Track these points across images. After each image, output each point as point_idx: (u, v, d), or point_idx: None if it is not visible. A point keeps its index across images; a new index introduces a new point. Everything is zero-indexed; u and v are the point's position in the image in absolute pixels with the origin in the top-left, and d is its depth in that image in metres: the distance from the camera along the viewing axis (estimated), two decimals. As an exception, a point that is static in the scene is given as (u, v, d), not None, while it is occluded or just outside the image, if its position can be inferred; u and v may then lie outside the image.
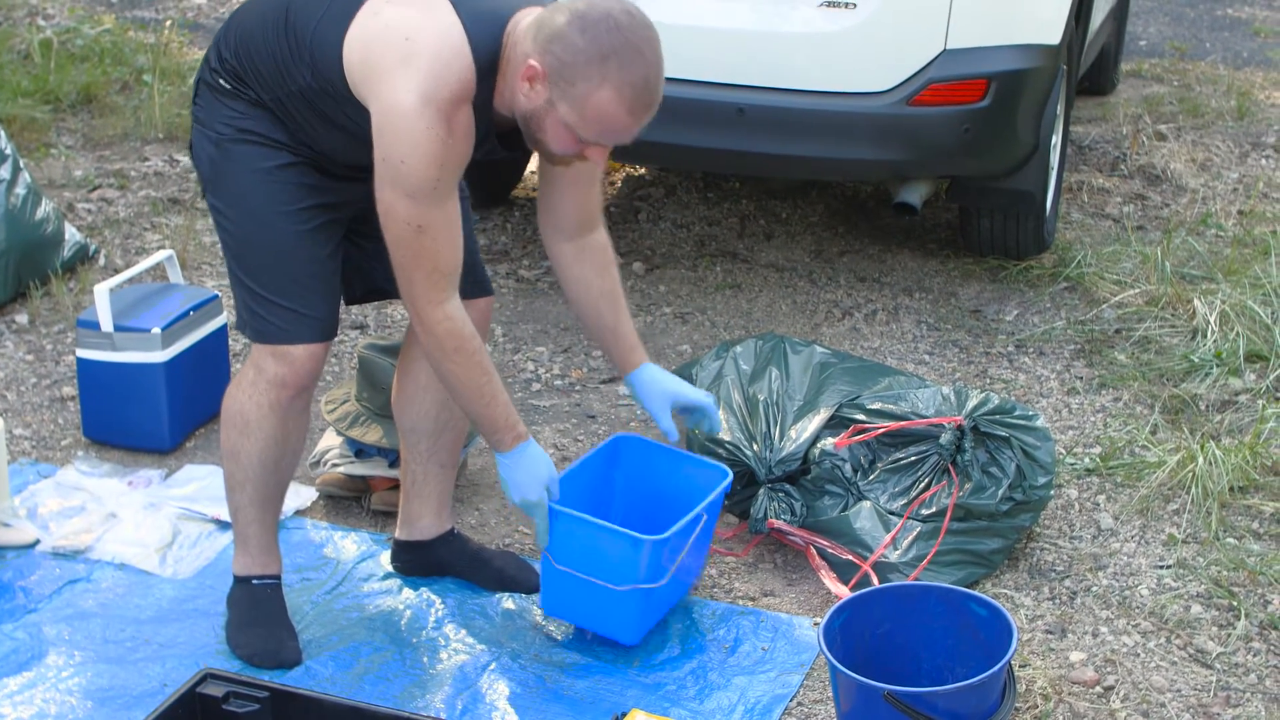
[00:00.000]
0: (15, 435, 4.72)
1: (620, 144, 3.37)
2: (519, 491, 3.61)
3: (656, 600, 3.81)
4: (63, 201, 6.27)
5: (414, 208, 3.33)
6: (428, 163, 3.29)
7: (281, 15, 3.44)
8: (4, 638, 3.83)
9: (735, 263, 6.08)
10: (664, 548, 3.68)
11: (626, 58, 3.24)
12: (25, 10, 8.54)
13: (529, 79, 3.27)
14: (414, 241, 3.37)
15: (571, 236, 3.75)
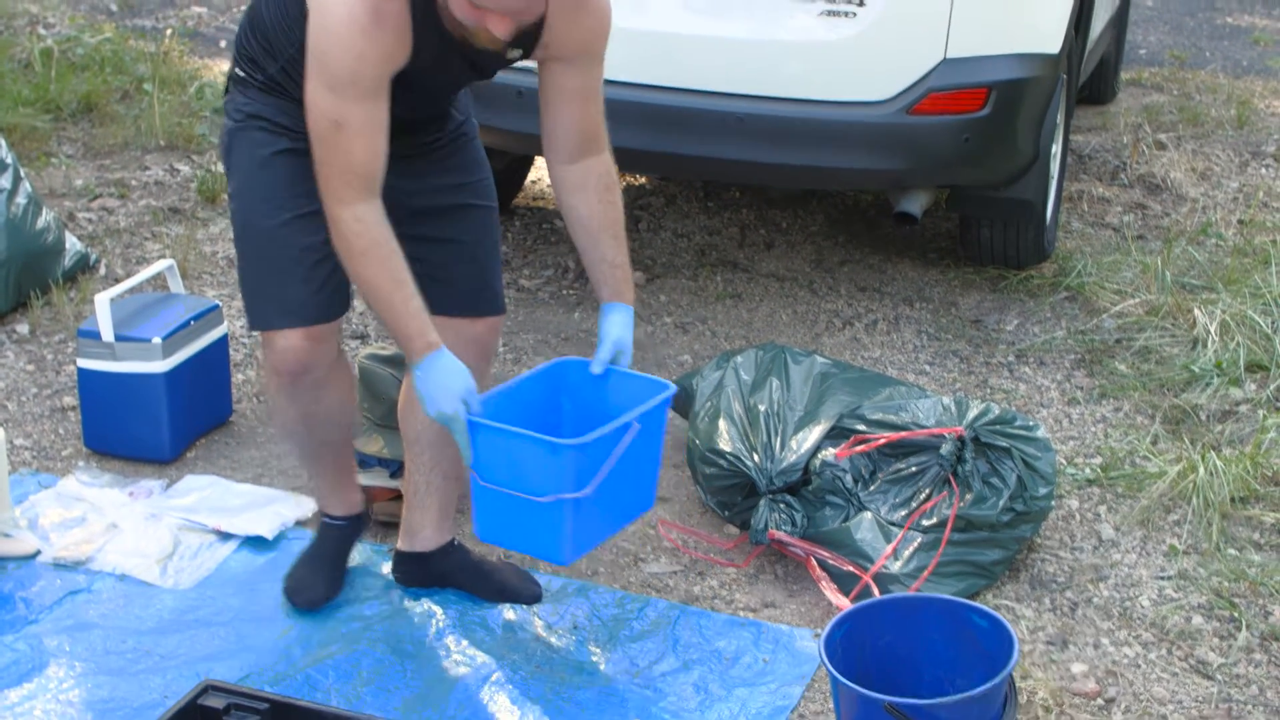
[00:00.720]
0: (16, 445, 4.72)
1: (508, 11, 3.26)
2: (433, 405, 3.49)
3: (588, 518, 3.55)
4: (63, 211, 6.28)
5: (333, 101, 3.32)
6: (347, 53, 3.29)
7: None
8: (4, 649, 3.82)
9: (736, 272, 6.08)
10: (586, 454, 3.46)
11: None
12: (26, 19, 8.55)
13: None
14: (331, 137, 3.36)
15: (572, 157, 3.67)
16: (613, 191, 3.71)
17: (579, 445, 3.45)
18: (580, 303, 5.77)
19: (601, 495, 3.53)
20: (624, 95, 5.33)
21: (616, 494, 3.61)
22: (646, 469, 3.75)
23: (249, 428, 4.84)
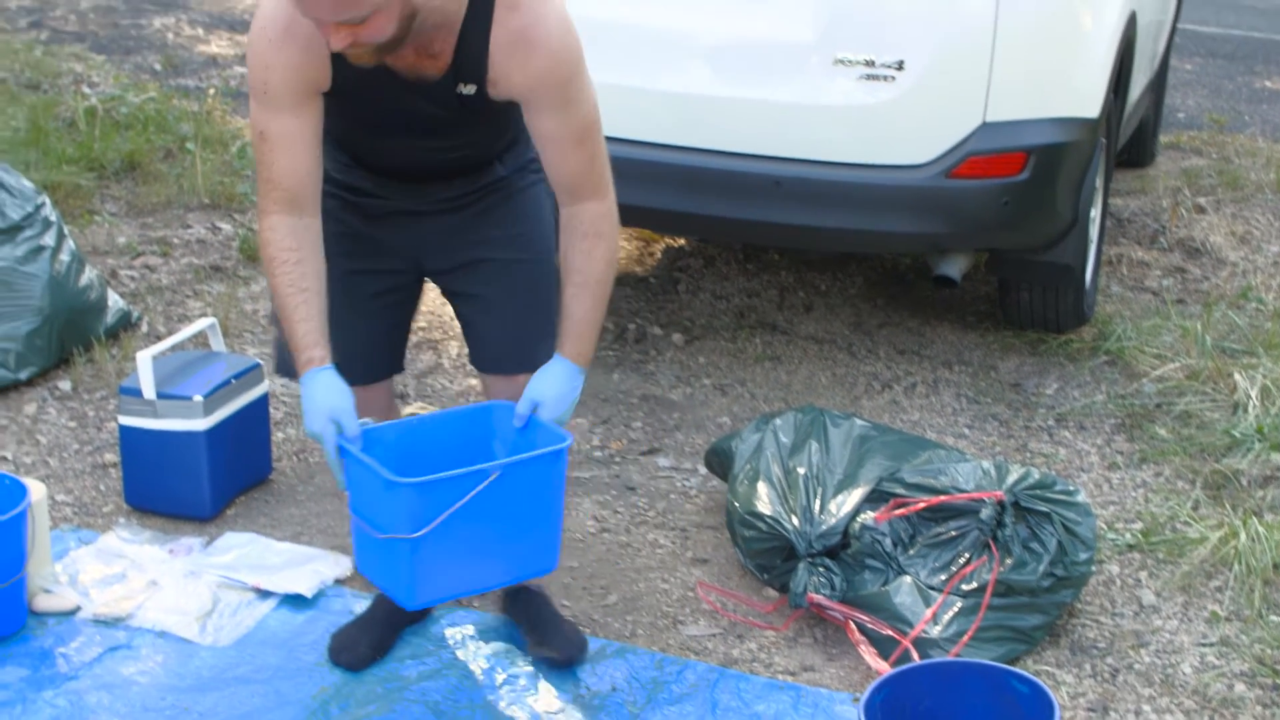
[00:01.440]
0: (57, 501, 4.74)
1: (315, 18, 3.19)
2: (306, 421, 3.45)
3: (438, 563, 3.42)
4: (106, 268, 6.32)
5: (256, 112, 3.44)
6: (257, 63, 3.38)
7: None
8: (45, 705, 3.83)
9: (774, 334, 6.09)
10: (425, 495, 3.32)
11: None
12: (71, 78, 8.62)
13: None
14: (258, 148, 3.47)
15: (560, 201, 3.62)
16: (593, 241, 3.54)
17: (416, 485, 3.32)
18: (619, 364, 5.78)
19: (456, 542, 3.40)
20: (664, 158, 5.37)
21: (481, 544, 3.46)
22: (534, 524, 3.54)
23: (289, 486, 4.85)
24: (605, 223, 3.54)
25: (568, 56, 3.42)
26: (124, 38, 9.91)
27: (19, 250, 5.47)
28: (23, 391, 5.39)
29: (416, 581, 3.45)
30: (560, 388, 3.58)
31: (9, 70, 8.59)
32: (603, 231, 3.54)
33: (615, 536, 4.65)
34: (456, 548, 3.42)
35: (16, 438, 5.10)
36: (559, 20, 3.41)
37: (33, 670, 3.97)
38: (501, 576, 3.68)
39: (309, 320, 3.46)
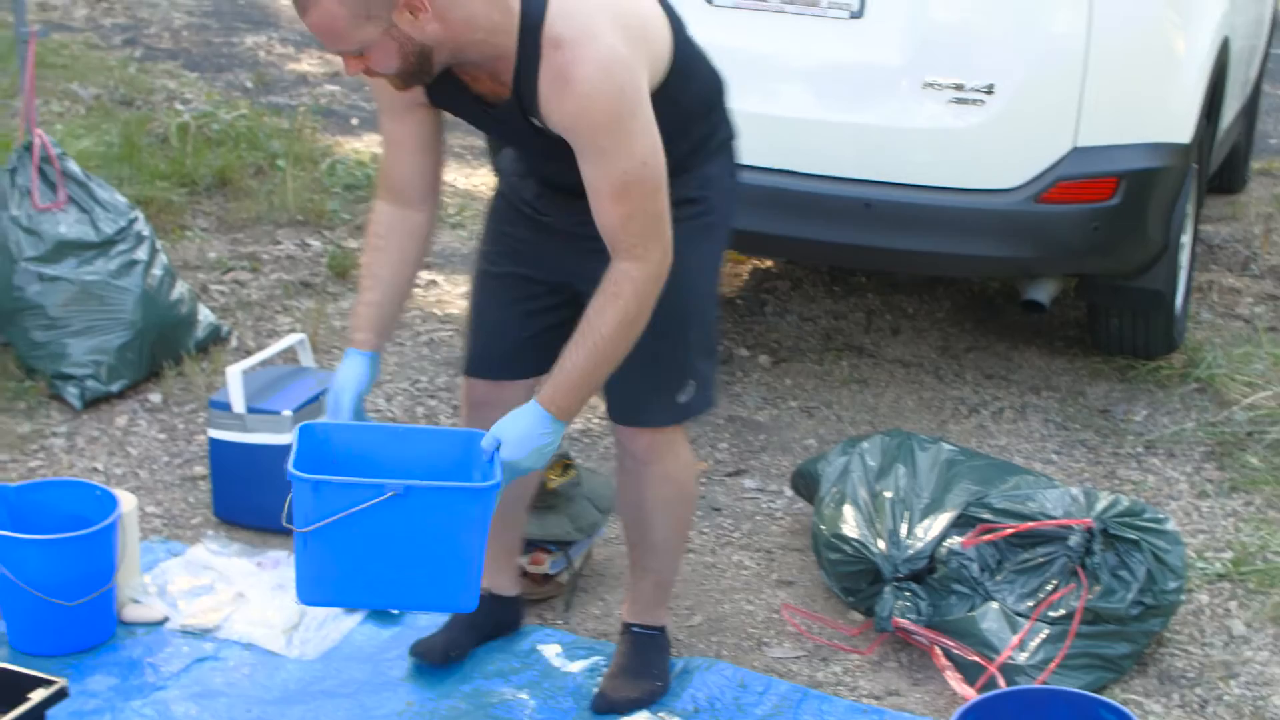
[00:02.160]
0: (147, 513, 4.78)
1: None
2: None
3: (328, 567, 3.40)
4: (197, 283, 6.37)
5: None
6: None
7: None
8: (133, 714, 3.86)
9: (861, 357, 6.07)
10: (318, 493, 3.32)
11: None
12: (164, 95, 8.71)
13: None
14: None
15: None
16: (608, 300, 3.37)
17: (310, 481, 3.34)
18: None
19: (352, 550, 3.37)
20: (753, 180, 5.32)
21: (382, 561, 3.39)
22: (443, 556, 3.42)
23: (375, 501, 4.87)
24: (627, 285, 3.34)
25: (602, 102, 3.25)
26: (216, 55, 10.00)
27: (112, 264, 5.53)
28: (114, 404, 5.44)
29: (303, 577, 3.44)
30: (522, 429, 3.43)
31: (104, 87, 8.68)
32: (621, 293, 3.35)
33: (700, 557, 4.65)
34: (353, 556, 3.38)
35: (108, 449, 5.15)
36: (601, 62, 3.24)
37: (121, 679, 4.00)
38: (405, 601, 3.65)
39: (368, 305, 3.67)
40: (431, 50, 3.28)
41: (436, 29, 3.24)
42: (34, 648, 4.07)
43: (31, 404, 5.38)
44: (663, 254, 3.37)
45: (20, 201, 5.46)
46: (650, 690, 3.98)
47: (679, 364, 3.69)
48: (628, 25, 3.33)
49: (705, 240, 3.65)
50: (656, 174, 3.33)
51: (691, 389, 3.72)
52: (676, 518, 3.95)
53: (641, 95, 3.30)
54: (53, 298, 5.42)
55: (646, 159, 3.30)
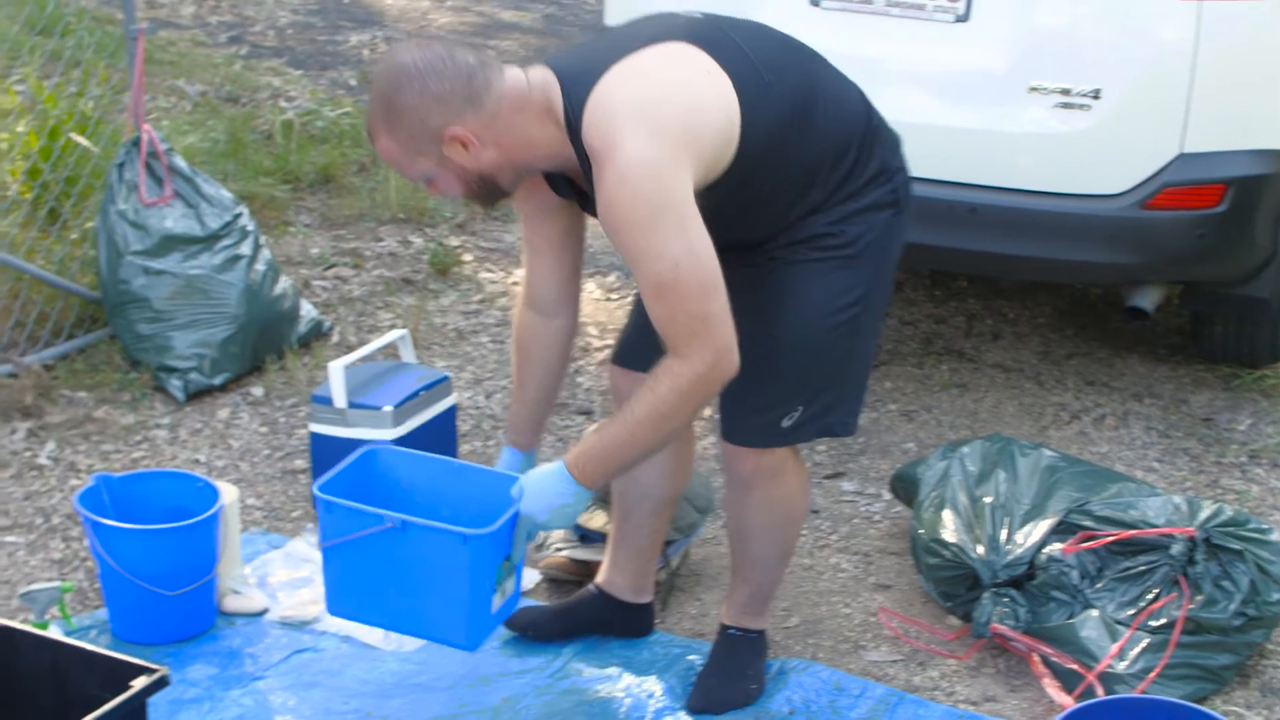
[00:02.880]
0: (248, 505, 4.83)
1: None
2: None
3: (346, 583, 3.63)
4: (299, 278, 6.42)
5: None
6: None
7: None
8: (232, 703, 3.90)
9: (961, 361, 6.04)
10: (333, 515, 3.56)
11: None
12: (268, 92, 8.78)
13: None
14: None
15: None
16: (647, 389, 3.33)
17: (323, 501, 3.57)
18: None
19: (361, 571, 3.59)
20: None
21: (388, 587, 3.58)
22: (438, 593, 3.56)
23: (473, 497, 4.89)
24: (665, 380, 3.29)
25: (622, 210, 3.22)
26: (320, 54, 10.06)
27: (217, 259, 5.58)
28: (216, 397, 5.50)
29: (328, 589, 3.68)
30: (543, 484, 3.48)
31: (210, 84, 8.76)
32: (658, 386, 3.30)
33: (798, 559, 4.63)
34: (362, 577, 3.60)
35: (210, 441, 5.20)
36: (619, 171, 3.21)
37: (221, 669, 4.04)
38: (411, 627, 3.72)
39: (519, 412, 3.91)
40: (494, 175, 3.39)
41: (493, 155, 3.36)
42: (136, 636, 4.12)
43: (136, 396, 5.44)
44: (714, 355, 3.27)
45: (127, 196, 5.53)
46: (745, 692, 3.97)
47: (784, 390, 3.64)
48: (663, 119, 3.24)
49: (837, 272, 3.58)
50: (694, 275, 3.23)
51: (799, 415, 3.67)
52: (779, 539, 3.93)
53: (671, 197, 3.20)
54: (158, 291, 5.48)
55: (679, 261, 3.21)
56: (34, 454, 5.07)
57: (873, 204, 3.59)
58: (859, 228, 3.57)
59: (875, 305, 3.69)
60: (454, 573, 3.51)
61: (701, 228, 3.23)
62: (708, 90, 3.33)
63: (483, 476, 3.82)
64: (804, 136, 3.48)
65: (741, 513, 3.88)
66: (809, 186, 3.52)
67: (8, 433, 5.15)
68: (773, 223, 3.56)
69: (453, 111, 3.28)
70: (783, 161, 3.45)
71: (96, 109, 6.22)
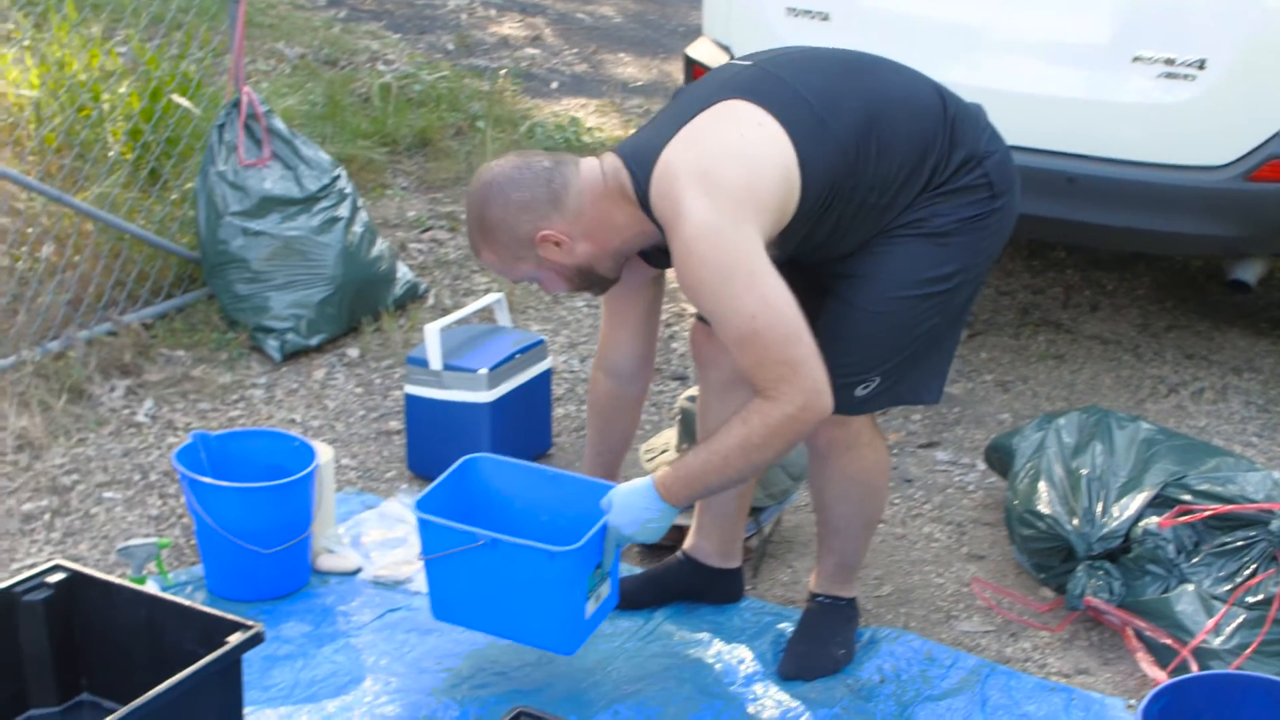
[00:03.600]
0: (343, 465, 4.86)
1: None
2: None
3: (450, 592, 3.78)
4: (396, 241, 6.45)
5: None
6: None
7: None
8: (324, 660, 3.93)
9: (1058, 333, 5.99)
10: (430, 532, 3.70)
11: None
12: (367, 55, 8.81)
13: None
14: None
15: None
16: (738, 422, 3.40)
17: (421, 520, 3.71)
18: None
19: (460, 583, 3.73)
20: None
21: (487, 596, 3.72)
22: (534, 604, 3.68)
23: (567, 461, 4.91)
24: (757, 418, 3.36)
25: (692, 276, 3.36)
26: (419, 17, 10.09)
27: (315, 220, 5.62)
28: (313, 357, 5.53)
29: (431, 597, 3.82)
30: (630, 500, 3.59)
31: (309, 46, 8.80)
32: (749, 421, 3.38)
33: (891, 528, 4.62)
34: (461, 588, 3.75)
35: (305, 401, 5.24)
36: (684, 240, 3.33)
37: (314, 626, 4.08)
38: (512, 633, 3.82)
39: (590, 461, 4.12)
40: (591, 265, 3.56)
41: (586, 248, 3.53)
42: (230, 593, 4.16)
43: (233, 355, 5.48)
44: (804, 397, 3.33)
45: (227, 157, 5.57)
46: (834, 659, 3.97)
47: (860, 359, 3.64)
48: (720, 180, 3.33)
49: (923, 249, 3.57)
50: (772, 327, 3.31)
51: (875, 385, 3.67)
52: (860, 510, 3.93)
53: (736, 256, 3.30)
54: (256, 252, 5.52)
55: (755, 314, 3.29)
56: (132, 411, 5.12)
57: (962, 190, 3.58)
58: (949, 209, 3.57)
59: (969, 284, 3.67)
60: (545, 586, 3.64)
61: (775, 279, 3.31)
62: (761, 142, 3.40)
63: (577, 485, 3.90)
64: (875, 158, 3.49)
65: (821, 484, 3.89)
66: (895, 197, 3.54)
67: (107, 390, 5.21)
68: (864, 237, 3.59)
69: (539, 215, 3.48)
70: (856, 188, 3.49)
71: (197, 71, 6.26)
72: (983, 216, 3.60)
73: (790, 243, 3.47)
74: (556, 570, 3.59)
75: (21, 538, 4.43)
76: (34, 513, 4.55)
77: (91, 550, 4.39)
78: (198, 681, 3.12)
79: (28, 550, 4.37)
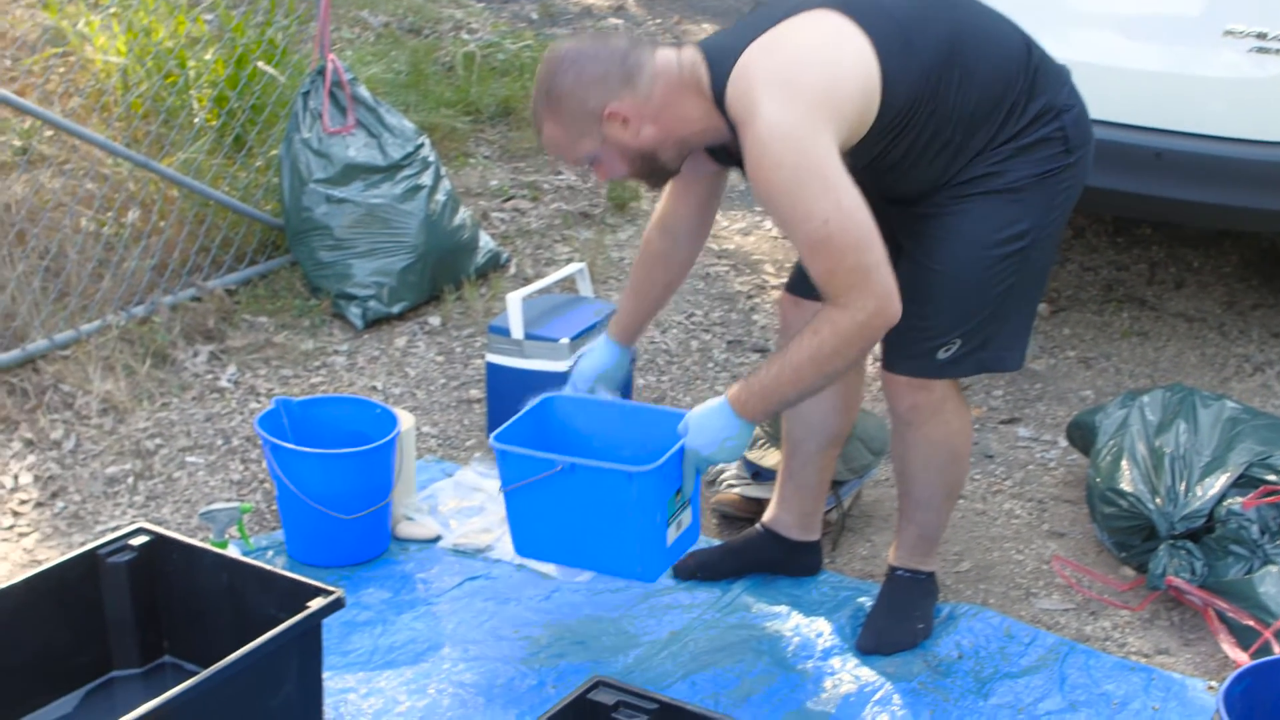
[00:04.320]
0: (423, 433, 4.88)
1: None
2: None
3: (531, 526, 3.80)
4: (478, 210, 6.46)
5: None
6: None
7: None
8: (403, 627, 3.95)
9: (1143, 310, 5.94)
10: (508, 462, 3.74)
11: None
12: (451, 24, 8.81)
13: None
14: None
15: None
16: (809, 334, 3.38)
17: (500, 450, 3.74)
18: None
19: (540, 512, 3.74)
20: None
21: (566, 525, 3.73)
22: (611, 529, 3.66)
23: (646, 432, 4.90)
24: (827, 328, 3.35)
25: (765, 176, 3.30)
26: (503, -14, 10.12)
27: (398, 188, 5.63)
28: (394, 325, 5.55)
29: (513, 532, 3.83)
30: (705, 420, 3.58)
31: (393, 15, 8.81)
32: (820, 332, 3.36)
33: (971, 504, 4.60)
34: (541, 518, 3.76)
35: (387, 369, 5.26)
36: (760, 139, 3.29)
37: (393, 593, 4.10)
38: (591, 563, 3.82)
39: (627, 309, 4.05)
40: (654, 151, 3.50)
41: (652, 132, 3.47)
42: (311, 558, 4.19)
43: (315, 322, 5.51)
44: (875, 303, 3.31)
45: (311, 124, 5.59)
46: (913, 633, 3.96)
47: (942, 321, 3.63)
48: (799, 83, 3.30)
49: (998, 207, 3.56)
50: (845, 231, 3.28)
51: (957, 348, 3.65)
52: (942, 479, 3.91)
53: (811, 159, 3.26)
54: (339, 219, 5.55)
55: (828, 218, 3.26)
56: (215, 377, 5.16)
57: (1037, 141, 3.55)
58: (1024, 168, 3.55)
59: (1043, 242, 3.64)
60: (624, 508, 3.61)
61: (848, 183, 3.28)
62: (845, 52, 3.37)
63: (654, 416, 3.90)
64: (955, 87, 3.46)
65: (904, 451, 3.87)
66: (969, 135, 3.51)
67: (191, 355, 5.24)
68: (935, 177, 3.56)
69: (609, 91, 3.42)
70: (934, 113, 3.46)
71: (283, 38, 6.29)
72: (1056, 172, 3.57)
73: (860, 160, 3.43)
74: (635, 492, 3.58)
75: (105, 500, 4.48)
76: (118, 476, 4.59)
77: (174, 514, 4.43)
78: (278, 646, 3.15)
79: (111, 513, 4.42)
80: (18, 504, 4.44)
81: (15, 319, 5.07)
